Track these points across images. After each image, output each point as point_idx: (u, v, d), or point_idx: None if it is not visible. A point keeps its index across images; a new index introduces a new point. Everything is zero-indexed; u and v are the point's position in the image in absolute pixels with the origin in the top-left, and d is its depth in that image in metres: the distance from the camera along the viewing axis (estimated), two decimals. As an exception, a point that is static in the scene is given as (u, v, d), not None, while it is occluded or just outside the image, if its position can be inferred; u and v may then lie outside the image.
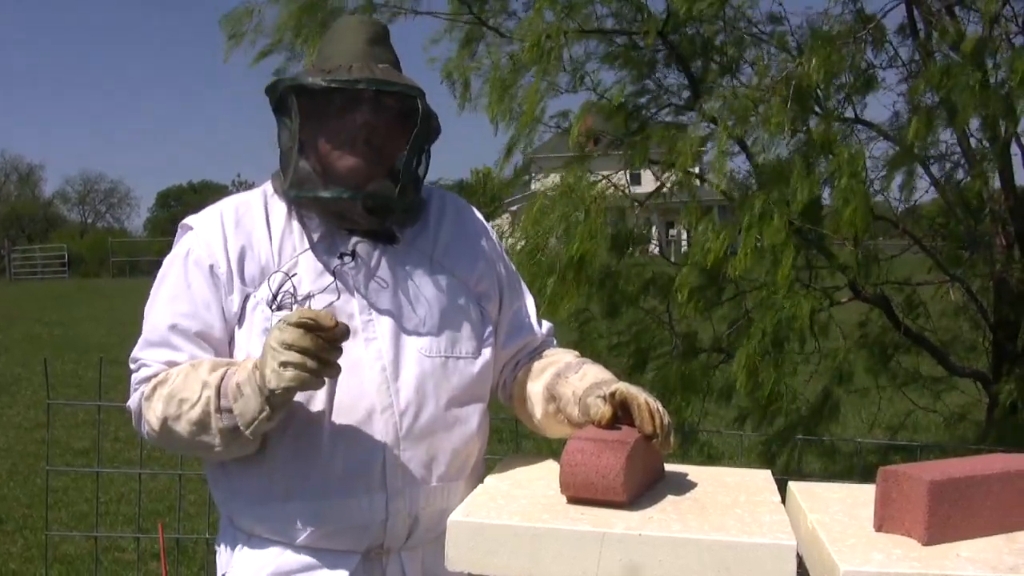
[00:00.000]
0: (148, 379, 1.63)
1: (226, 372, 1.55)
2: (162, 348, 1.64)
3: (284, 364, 1.42)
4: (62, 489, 6.10)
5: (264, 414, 1.49)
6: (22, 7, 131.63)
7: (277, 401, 1.48)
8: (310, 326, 1.42)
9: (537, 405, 1.78)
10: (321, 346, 1.44)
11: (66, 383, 9.88)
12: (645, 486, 1.55)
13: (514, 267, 1.94)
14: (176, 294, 1.66)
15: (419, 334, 1.68)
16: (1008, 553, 1.29)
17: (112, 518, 5.59)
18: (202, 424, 1.54)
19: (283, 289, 1.63)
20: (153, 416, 1.59)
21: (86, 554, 4.91)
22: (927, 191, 4.55)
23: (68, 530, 5.27)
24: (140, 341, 1.68)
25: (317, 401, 1.60)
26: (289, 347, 1.42)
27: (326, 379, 1.50)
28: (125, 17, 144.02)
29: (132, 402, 1.66)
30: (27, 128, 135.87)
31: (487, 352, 1.77)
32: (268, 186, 1.76)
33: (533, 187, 5.51)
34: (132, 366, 1.68)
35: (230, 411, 1.51)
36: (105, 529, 5.16)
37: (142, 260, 36.12)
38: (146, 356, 1.65)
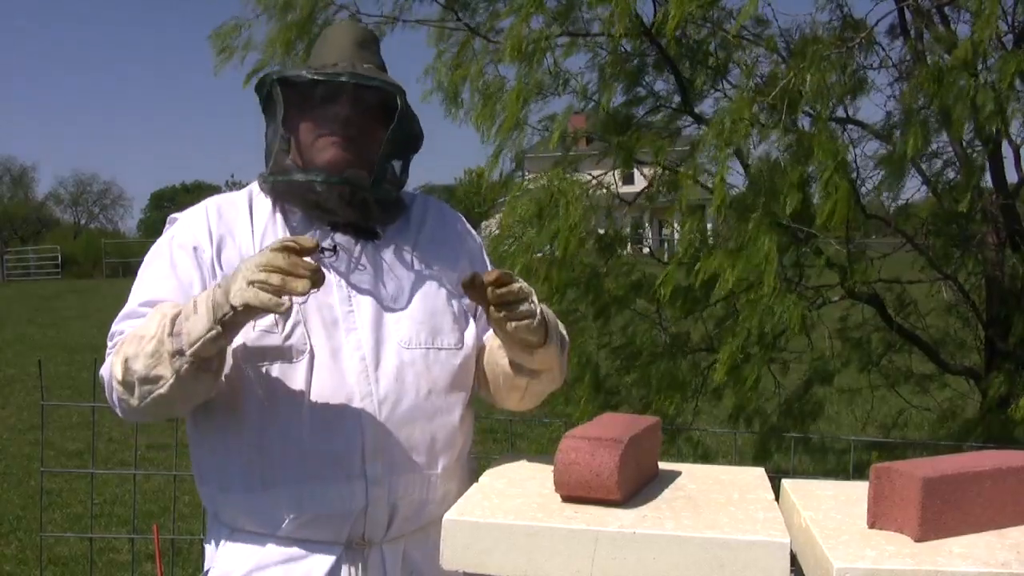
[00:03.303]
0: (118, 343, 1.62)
1: (187, 305, 1.52)
2: (139, 320, 1.62)
3: (251, 282, 1.41)
4: (56, 491, 6.09)
5: (212, 333, 1.45)
6: (14, 8, 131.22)
7: (229, 321, 1.45)
8: (291, 248, 1.41)
9: (492, 380, 1.79)
10: (294, 263, 1.41)
11: (59, 384, 9.86)
12: (639, 484, 1.56)
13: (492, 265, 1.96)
14: (161, 273, 1.68)
15: (399, 325, 1.71)
16: (1000, 549, 1.30)
17: (107, 519, 5.59)
18: (156, 355, 1.50)
19: None
20: (119, 364, 1.55)
21: (81, 556, 4.90)
22: (919, 189, 4.58)
23: (62, 532, 5.26)
24: (120, 314, 1.67)
25: (297, 388, 1.62)
26: (262, 268, 1.41)
27: (293, 305, 1.46)
28: (119, 17, 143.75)
29: (104, 368, 1.63)
30: (19, 129, 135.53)
31: (469, 344, 1.78)
32: (254, 185, 1.81)
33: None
34: (109, 341, 1.66)
35: (180, 334, 1.48)
36: (100, 531, 5.16)
37: (135, 261, 35.83)
38: (122, 327, 1.65)
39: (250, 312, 1.44)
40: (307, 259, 1.43)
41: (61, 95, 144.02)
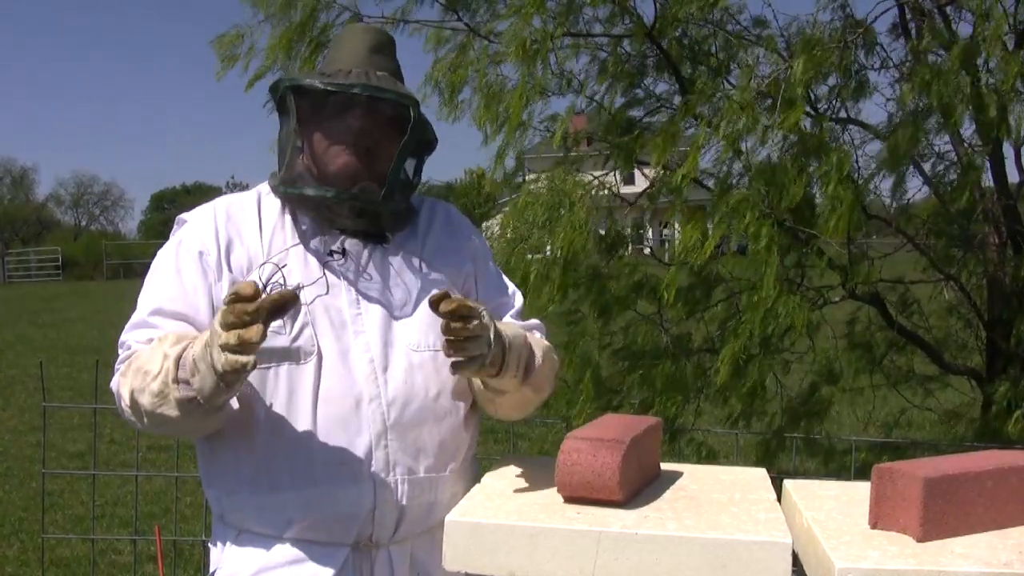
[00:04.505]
0: (128, 358, 1.64)
1: (187, 345, 1.53)
2: (146, 329, 1.66)
3: (224, 346, 1.40)
4: (58, 492, 6.09)
5: (222, 385, 1.46)
6: (14, 9, 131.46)
7: (230, 379, 1.45)
8: (232, 300, 1.39)
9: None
10: (239, 313, 1.38)
11: (61, 386, 9.86)
12: (641, 485, 1.56)
13: (501, 271, 1.96)
14: (166, 280, 1.69)
15: (408, 328, 1.71)
16: (1002, 549, 1.30)
17: (108, 521, 5.58)
18: (162, 395, 1.52)
19: (273, 280, 1.64)
20: (126, 390, 1.59)
21: (82, 557, 4.90)
22: (920, 190, 4.57)
23: (64, 533, 5.26)
24: (128, 324, 1.69)
25: (305, 390, 1.62)
26: (222, 328, 1.40)
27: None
28: (120, 19, 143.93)
29: (113, 383, 1.67)
30: (19, 130, 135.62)
31: None
32: (264, 185, 1.80)
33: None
34: (120, 351, 1.68)
35: (188, 383, 1.50)
36: (101, 532, 5.16)
37: (136, 263, 35.93)
38: (130, 337, 1.67)
39: (237, 373, 1.43)
40: (253, 305, 1.39)
41: (61, 96, 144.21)
